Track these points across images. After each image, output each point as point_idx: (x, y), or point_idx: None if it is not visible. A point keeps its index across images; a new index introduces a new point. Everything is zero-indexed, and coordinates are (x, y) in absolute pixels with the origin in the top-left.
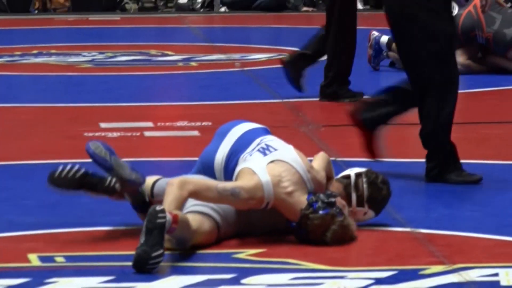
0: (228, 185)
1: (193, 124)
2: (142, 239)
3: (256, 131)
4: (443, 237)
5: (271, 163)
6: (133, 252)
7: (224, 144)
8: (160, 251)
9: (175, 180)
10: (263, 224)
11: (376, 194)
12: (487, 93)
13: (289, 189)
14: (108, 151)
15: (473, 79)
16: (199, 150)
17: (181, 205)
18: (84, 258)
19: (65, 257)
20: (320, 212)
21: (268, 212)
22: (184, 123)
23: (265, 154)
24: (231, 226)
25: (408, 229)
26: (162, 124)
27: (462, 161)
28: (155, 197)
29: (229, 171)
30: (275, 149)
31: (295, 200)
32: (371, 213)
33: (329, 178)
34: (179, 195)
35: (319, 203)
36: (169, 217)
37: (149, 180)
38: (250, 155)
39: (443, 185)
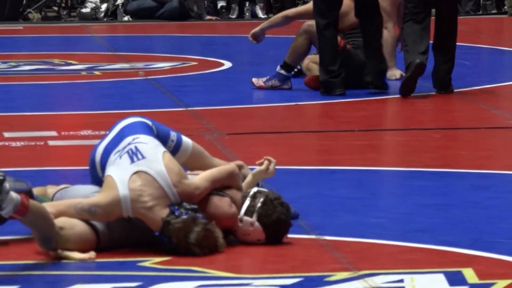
0: (85, 203)
1: (97, 133)
2: None
3: (134, 126)
4: (348, 243)
5: (135, 174)
6: (38, 261)
7: (106, 139)
8: None
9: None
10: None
11: (269, 209)
12: (389, 100)
13: (149, 204)
14: None
15: None
16: None
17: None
18: None
19: None
20: (182, 216)
21: None
22: (88, 132)
23: (132, 161)
24: (116, 232)
25: (313, 236)
26: (66, 133)
27: (366, 168)
28: None
29: (102, 168)
30: (143, 157)
31: (155, 214)
32: (258, 229)
33: (229, 187)
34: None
35: (181, 209)
36: (17, 196)
37: (54, 188)
38: (120, 158)
39: (348, 192)
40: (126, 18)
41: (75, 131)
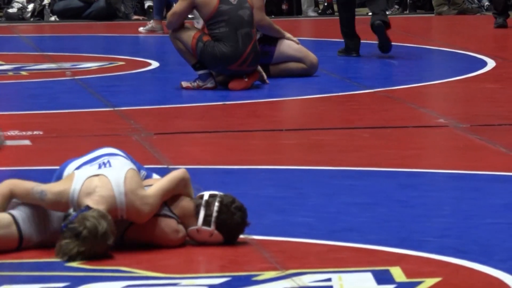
0: (40, 187)
1: (24, 133)
2: None
3: (114, 154)
4: (276, 243)
5: (94, 176)
6: None
7: (81, 158)
8: None
9: (6, 180)
10: None
11: (226, 217)
12: (317, 100)
13: (95, 201)
14: None
15: (304, 85)
16: (30, 159)
17: (4, 201)
18: None
19: None
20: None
21: None
22: (15, 132)
23: (99, 167)
24: (38, 233)
25: (241, 236)
26: None
27: (294, 167)
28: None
29: None
30: (110, 166)
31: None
32: (218, 236)
33: (179, 196)
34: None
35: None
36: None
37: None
38: (90, 166)
39: (275, 192)
40: (53, 18)
41: (2, 132)
